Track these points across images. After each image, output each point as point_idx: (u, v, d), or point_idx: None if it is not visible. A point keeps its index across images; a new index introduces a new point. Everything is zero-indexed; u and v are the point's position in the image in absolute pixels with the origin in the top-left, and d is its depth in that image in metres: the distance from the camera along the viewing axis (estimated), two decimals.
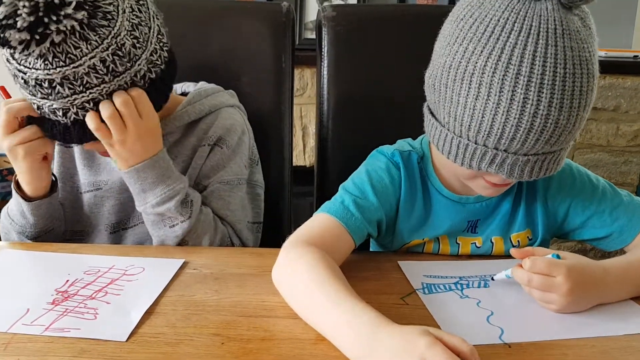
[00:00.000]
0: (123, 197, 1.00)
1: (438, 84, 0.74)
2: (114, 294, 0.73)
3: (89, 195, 1.01)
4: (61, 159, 1.02)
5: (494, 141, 0.70)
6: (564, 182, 0.87)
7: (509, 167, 0.72)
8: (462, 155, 0.74)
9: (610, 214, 0.85)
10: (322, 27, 1.19)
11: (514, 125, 0.67)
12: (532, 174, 0.73)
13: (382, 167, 0.87)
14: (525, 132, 0.68)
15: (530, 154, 0.71)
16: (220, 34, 1.18)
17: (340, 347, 0.60)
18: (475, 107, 0.69)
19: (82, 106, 0.80)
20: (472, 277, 0.79)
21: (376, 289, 0.76)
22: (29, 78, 0.78)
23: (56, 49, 0.75)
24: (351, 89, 1.20)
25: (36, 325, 0.65)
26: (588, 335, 0.65)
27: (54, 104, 0.80)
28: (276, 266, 0.74)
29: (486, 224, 0.88)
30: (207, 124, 1.00)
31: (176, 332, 0.64)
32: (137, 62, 0.82)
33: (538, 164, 0.72)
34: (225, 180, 0.98)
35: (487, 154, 0.72)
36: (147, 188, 0.88)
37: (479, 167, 0.73)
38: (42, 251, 0.87)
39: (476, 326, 0.66)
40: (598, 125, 2.04)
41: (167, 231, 0.90)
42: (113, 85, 0.80)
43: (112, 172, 1.00)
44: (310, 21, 2.29)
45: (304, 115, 2.09)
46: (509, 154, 0.71)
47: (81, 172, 1.02)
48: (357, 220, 0.80)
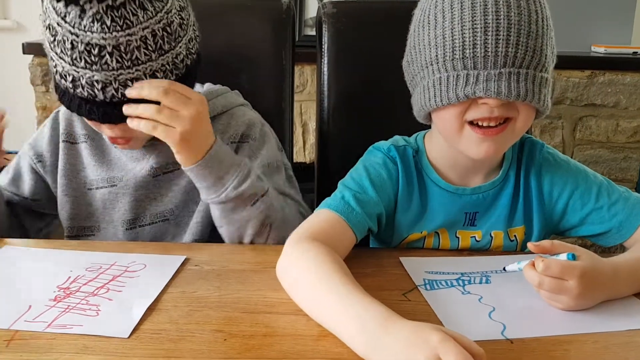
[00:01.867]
0: (139, 194, 0.99)
1: (411, 47, 0.83)
2: (116, 290, 0.73)
3: (103, 191, 1.00)
4: (66, 156, 1.01)
5: (468, 59, 0.74)
6: (562, 179, 0.88)
7: (484, 84, 0.73)
8: (445, 92, 0.76)
9: (608, 210, 0.85)
10: (322, 23, 1.19)
11: (479, 30, 0.72)
12: (510, 91, 0.73)
13: (379, 162, 0.88)
14: (493, 35, 0.72)
15: (502, 66, 0.73)
16: (221, 31, 1.18)
17: (346, 342, 0.60)
18: (445, 33, 0.75)
19: (124, 83, 0.81)
20: (473, 273, 0.79)
21: (378, 285, 0.76)
22: (80, 42, 0.78)
23: (114, 12, 0.77)
24: (351, 86, 1.20)
25: (38, 322, 0.65)
26: (590, 331, 0.65)
27: (95, 75, 0.80)
28: (280, 261, 0.74)
29: (486, 218, 0.89)
30: (223, 124, 0.99)
31: (178, 328, 0.64)
32: (179, 43, 0.85)
33: (514, 79, 0.73)
34: (266, 163, 0.98)
35: (464, 77, 0.75)
36: (224, 172, 0.86)
37: (463, 94, 0.75)
38: (43, 248, 0.87)
39: (478, 322, 0.66)
40: (598, 121, 2.04)
41: (250, 211, 0.88)
42: (157, 64, 0.82)
43: (126, 169, 1.00)
44: (310, 18, 2.28)
45: (304, 112, 2.08)
46: (482, 70, 0.74)
47: (91, 168, 1.01)
48: (358, 214, 0.81)
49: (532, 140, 0.91)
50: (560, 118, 2.04)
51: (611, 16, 2.13)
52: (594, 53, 2.10)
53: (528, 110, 0.77)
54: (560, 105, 2.02)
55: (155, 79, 0.83)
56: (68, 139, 1.02)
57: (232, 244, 0.95)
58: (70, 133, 1.02)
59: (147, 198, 0.99)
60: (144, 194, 0.99)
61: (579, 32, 2.12)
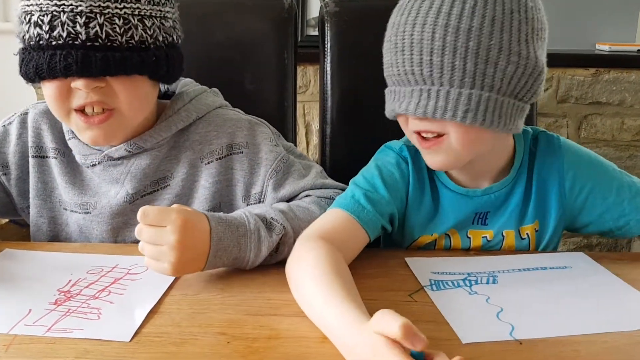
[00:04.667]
0: (116, 222, 0.92)
1: None
2: (118, 293, 0.72)
3: (77, 216, 0.93)
4: (37, 174, 0.93)
5: (391, 76, 0.78)
6: (584, 173, 0.86)
7: (399, 101, 0.77)
8: (387, 105, 0.82)
9: (629, 203, 0.85)
10: (324, 23, 1.18)
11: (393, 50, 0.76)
12: (417, 107, 0.74)
13: (392, 161, 0.87)
14: (400, 54, 0.74)
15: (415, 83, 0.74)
16: (223, 31, 1.17)
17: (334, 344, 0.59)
18: (385, 52, 0.79)
19: (110, 19, 0.76)
20: (480, 272, 0.78)
21: (383, 285, 0.75)
22: None
23: None
24: (354, 86, 1.19)
25: (38, 325, 0.64)
26: (599, 331, 0.64)
27: (80, 5, 0.74)
28: (288, 260, 0.73)
29: (497, 217, 0.87)
30: (200, 134, 0.92)
31: (181, 331, 0.63)
32: (168, 5, 0.84)
33: (424, 96, 0.73)
34: (274, 168, 0.91)
35: (392, 93, 0.80)
36: (235, 254, 0.76)
37: (391, 109, 0.80)
38: (44, 251, 0.86)
39: (486, 323, 0.65)
40: (603, 119, 2.03)
41: (276, 257, 0.80)
42: (146, 10, 0.79)
43: (99, 193, 0.92)
44: (313, 18, 2.27)
45: (307, 113, 2.07)
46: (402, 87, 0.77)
47: (63, 189, 0.92)
48: (370, 213, 0.80)
49: (547, 134, 0.89)
50: (565, 116, 2.02)
51: (615, 14, 2.12)
52: (598, 51, 2.08)
53: (458, 127, 0.74)
54: (564, 104, 2.00)
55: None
56: (38, 154, 0.93)
57: None
58: (39, 146, 0.93)
59: (126, 225, 0.92)
60: (121, 221, 0.92)
61: (583, 30, 2.11)
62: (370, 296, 0.67)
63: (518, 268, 0.80)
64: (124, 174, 0.90)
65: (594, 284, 0.76)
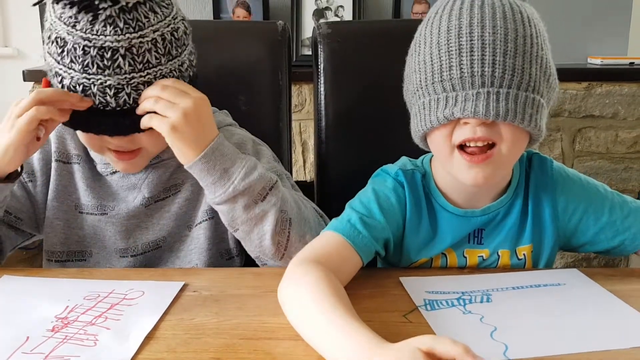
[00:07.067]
0: (130, 224, 0.98)
1: (406, 73, 0.85)
2: (114, 319, 0.72)
3: (93, 218, 0.99)
4: (58, 176, 0.98)
5: (446, 81, 0.76)
6: (576, 195, 0.87)
7: (463, 104, 0.74)
8: (429, 115, 0.78)
9: (622, 223, 0.86)
10: (317, 44, 1.19)
11: (454, 53, 0.75)
12: (488, 110, 0.73)
13: (389, 186, 0.87)
14: (467, 56, 0.74)
15: (481, 86, 0.74)
16: (217, 53, 1.18)
17: None
18: (426, 59, 0.78)
19: (136, 87, 0.82)
20: (474, 291, 0.79)
21: (377, 306, 0.75)
22: (92, 46, 0.79)
23: (127, 15, 0.79)
24: (348, 104, 1.21)
25: (36, 353, 0.64)
26: (594, 349, 0.64)
27: (108, 79, 0.80)
28: (281, 284, 0.73)
29: (493, 236, 0.88)
30: None
31: (176, 357, 0.63)
32: (184, 51, 0.87)
33: (493, 98, 0.73)
34: (278, 172, 0.97)
35: (444, 100, 0.76)
36: (229, 164, 0.84)
37: (443, 115, 0.76)
38: (41, 277, 0.86)
39: (480, 342, 0.65)
40: (597, 132, 2.04)
41: (263, 206, 0.85)
42: (166, 69, 0.84)
43: (117, 198, 0.98)
44: (307, 37, 2.30)
45: (303, 131, 2.09)
46: (460, 92, 0.75)
47: (82, 191, 0.99)
48: (365, 238, 0.80)
49: (540, 156, 0.90)
50: (559, 130, 2.04)
51: (607, 27, 2.15)
52: (590, 65, 2.11)
53: (513, 133, 0.76)
54: (558, 118, 2.02)
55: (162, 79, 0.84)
56: (61, 158, 0.99)
57: (230, 268, 0.94)
58: (62, 152, 0.99)
59: (139, 227, 0.98)
60: (135, 223, 0.98)
61: (575, 44, 2.13)
62: (365, 317, 0.67)
63: (512, 286, 0.80)
64: (141, 180, 0.97)
65: (588, 301, 0.76)
